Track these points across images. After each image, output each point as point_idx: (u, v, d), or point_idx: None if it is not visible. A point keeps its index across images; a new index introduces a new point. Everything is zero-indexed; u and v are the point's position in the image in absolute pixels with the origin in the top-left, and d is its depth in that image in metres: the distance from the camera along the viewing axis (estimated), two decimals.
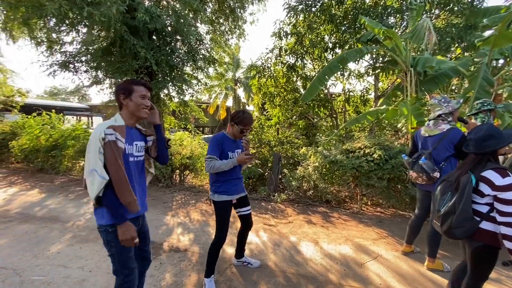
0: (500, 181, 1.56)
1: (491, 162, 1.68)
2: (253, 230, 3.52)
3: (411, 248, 2.92)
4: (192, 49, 6.35)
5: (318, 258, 2.83)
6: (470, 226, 1.65)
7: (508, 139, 1.67)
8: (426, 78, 4.54)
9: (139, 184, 1.61)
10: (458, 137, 2.43)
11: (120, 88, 1.54)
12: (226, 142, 2.24)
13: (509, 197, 1.53)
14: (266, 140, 6.82)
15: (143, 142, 1.67)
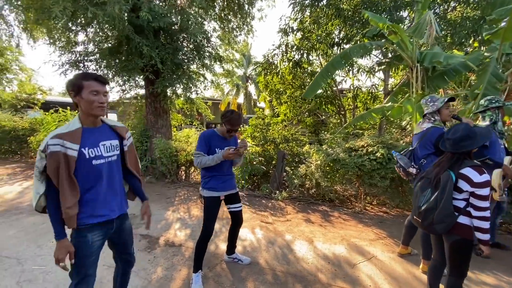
0: (478, 178, 1.61)
1: (467, 160, 1.71)
2: (249, 227, 3.55)
3: (407, 249, 2.84)
4: (198, 46, 6.41)
5: (310, 257, 2.81)
6: (450, 221, 1.70)
7: (483, 140, 1.73)
8: (434, 74, 4.35)
9: (111, 186, 1.51)
10: (436, 135, 2.42)
11: (69, 84, 1.38)
12: (214, 139, 2.27)
13: (484, 193, 1.61)
14: (271, 138, 6.80)
15: (116, 140, 1.56)
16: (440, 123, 2.53)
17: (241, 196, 5.04)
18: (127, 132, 1.69)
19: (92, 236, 1.43)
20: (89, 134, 1.43)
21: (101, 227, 1.47)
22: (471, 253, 1.74)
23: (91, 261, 1.44)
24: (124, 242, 1.67)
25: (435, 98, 2.54)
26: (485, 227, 1.60)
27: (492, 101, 2.81)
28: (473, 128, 1.76)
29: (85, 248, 1.41)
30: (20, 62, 13.05)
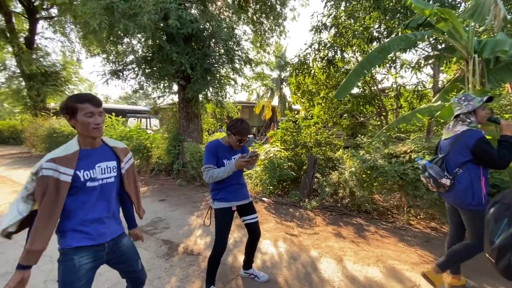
0: None
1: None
2: (272, 238, 3.32)
3: (460, 280, 2.32)
4: (228, 51, 6.42)
5: (337, 279, 2.47)
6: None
7: None
8: (498, 66, 3.61)
9: (104, 208, 1.43)
10: (474, 140, 1.99)
11: (63, 107, 1.35)
12: (220, 150, 2.14)
13: None
14: (302, 141, 6.46)
15: (114, 161, 1.49)
16: (476, 125, 2.09)
17: (267, 203, 4.84)
18: (128, 154, 1.61)
19: (79, 259, 1.33)
20: (86, 156, 1.39)
21: (88, 250, 1.37)
22: None
23: (81, 286, 1.33)
24: (126, 261, 1.56)
25: (470, 97, 2.13)
26: None
27: None
28: None
29: (72, 272, 1.31)
30: (79, 75, 14.81)
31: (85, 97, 1.35)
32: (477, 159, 1.99)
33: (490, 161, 1.95)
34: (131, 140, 8.22)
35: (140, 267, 1.62)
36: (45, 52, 13.61)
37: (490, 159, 1.93)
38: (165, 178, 6.74)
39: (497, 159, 1.88)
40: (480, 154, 1.96)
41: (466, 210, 2.07)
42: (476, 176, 2.00)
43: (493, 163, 1.95)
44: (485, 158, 1.96)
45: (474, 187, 1.99)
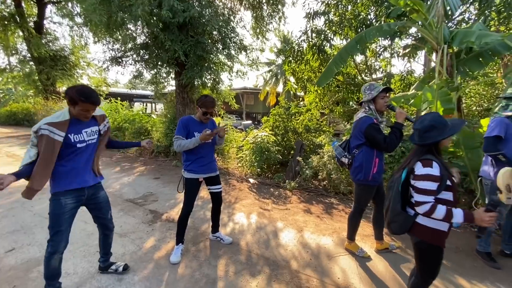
0: (419, 170, 1.48)
1: (431, 154, 1.52)
2: (247, 212, 3.72)
3: (383, 244, 2.72)
4: (223, 38, 6.63)
5: (292, 245, 2.85)
6: (403, 221, 1.59)
7: (452, 130, 1.51)
8: (468, 56, 3.75)
9: (87, 162, 1.92)
10: (365, 126, 2.32)
11: (67, 95, 1.73)
12: (191, 124, 2.48)
13: (420, 186, 1.47)
14: (292, 128, 6.74)
15: (96, 126, 1.96)
16: (373, 112, 2.39)
17: (252, 184, 5.22)
18: (105, 119, 2.07)
19: (65, 199, 1.83)
20: (76, 123, 1.83)
21: (72, 194, 1.86)
22: (435, 259, 1.59)
23: (64, 219, 1.84)
24: (100, 209, 2.08)
25: (373, 86, 2.40)
26: (440, 216, 1.39)
27: None
28: (441, 118, 1.57)
29: (58, 208, 1.81)
30: (87, 59, 15.24)
31: (89, 97, 1.75)
32: (369, 142, 2.33)
33: (377, 145, 2.31)
34: (133, 124, 8.70)
35: (109, 217, 2.15)
36: (54, 36, 14.04)
37: (377, 143, 2.29)
38: (163, 159, 7.21)
39: (382, 144, 2.25)
40: (370, 138, 2.31)
41: (356, 183, 2.51)
42: (369, 157, 2.34)
43: (379, 147, 2.31)
44: (373, 142, 2.31)
45: (365, 166, 2.35)
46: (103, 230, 2.18)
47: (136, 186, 4.81)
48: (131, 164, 6.60)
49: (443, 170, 1.46)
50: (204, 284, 2.18)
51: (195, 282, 2.20)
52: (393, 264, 2.51)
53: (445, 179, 1.46)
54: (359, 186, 2.49)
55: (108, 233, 2.20)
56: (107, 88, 17.21)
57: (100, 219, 2.12)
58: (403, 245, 2.86)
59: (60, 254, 1.88)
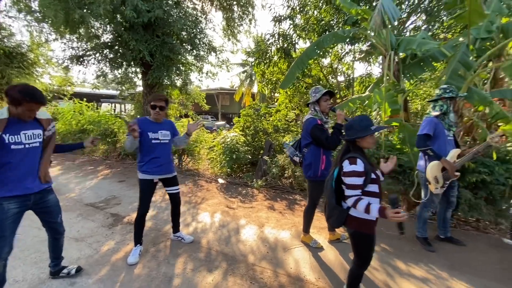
0: (347, 168, 1.64)
1: (353, 151, 1.70)
2: (211, 211, 3.79)
3: (335, 235, 2.94)
4: (191, 38, 6.63)
5: (251, 240, 2.98)
6: (339, 215, 1.74)
7: (364, 132, 1.68)
8: (412, 62, 4.14)
9: (30, 167, 1.83)
10: (310, 127, 2.54)
11: (9, 95, 1.65)
12: (144, 124, 2.49)
13: (349, 182, 1.63)
14: (262, 128, 6.90)
15: (40, 130, 1.88)
16: (318, 114, 2.61)
17: (221, 184, 5.28)
18: (51, 123, 1.99)
19: (7, 205, 1.77)
20: (14, 123, 1.75)
21: (16, 199, 1.80)
22: (368, 246, 1.76)
23: (7, 224, 1.78)
24: (49, 212, 2.02)
25: (318, 89, 2.61)
26: (361, 209, 1.58)
27: (446, 91, 2.70)
28: (362, 121, 1.74)
29: (1, 213, 1.75)
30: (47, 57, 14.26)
31: (34, 96, 1.69)
32: (315, 141, 2.55)
33: (321, 144, 2.53)
34: (98, 125, 8.34)
35: (59, 220, 2.10)
36: (9, 32, 12.99)
37: (320, 142, 2.52)
38: (131, 162, 7.02)
39: (324, 142, 2.48)
40: (315, 137, 2.53)
41: (308, 180, 2.72)
42: (316, 155, 2.56)
43: (323, 146, 2.53)
44: (318, 141, 2.53)
45: (313, 163, 2.56)
46: (53, 234, 2.12)
47: (99, 189, 4.67)
48: (95, 168, 6.35)
49: (367, 165, 1.65)
50: (160, 282, 2.22)
51: (151, 280, 2.24)
52: (342, 252, 2.73)
53: (369, 174, 1.64)
54: (310, 182, 2.68)
55: (58, 237, 2.15)
56: (72, 88, 16.25)
57: (49, 223, 2.07)
58: None
59: (4, 260, 1.83)
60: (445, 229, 2.98)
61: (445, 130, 2.66)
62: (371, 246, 1.78)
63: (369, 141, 1.70)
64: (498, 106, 3.43)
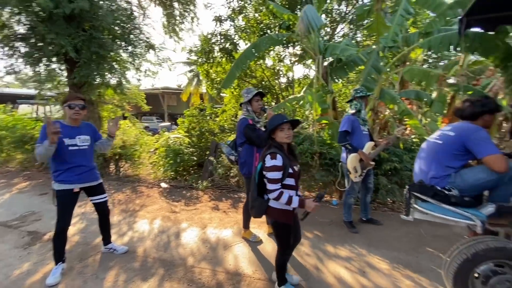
0: (268, 162, 1.75)
1: (274, 148, 1.82)
2: (151, 218, 3.60)
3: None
4: (125, 34, 6.15)
5: (192, 242, 2.94)
6: (259, 205, 1.85)
7: (271, 124, 1.83)
8: (338, 65, 4.61)
9: None
10: (243, 126, 2.67)
11: None
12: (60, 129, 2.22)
13: (271, 176, 1.74)
14: (208, 129, 6.81)
15: None
16: (251, 114, 2.73)
17: (164, 188, 5.06)
18: None
19: None
20: None
21: None
22: (286, 234, 1.91)
23: None
24: None
25: (250, 90, 2.75)
26: (284, 201, 1.74)
27: (357, 91, 3.08)
28: (274, 118, 1.88)
29: None
30: None
31: None
32: (248, 140, 2.68)
33: (253, 142, 2.66)
34: (13, 131, 7.12)
35: None
36: None
37: (252, 141, 2.66)
38: None
39: (256, 141, 2.61)
40: (247, 136, 2.68)
41: (244, 177, 2.85)
42: (250, 153, 2.72)
43: (255, 144, 2.66)
44: (250, 140, 2.67)
45: (248, 161, 2.71)
46: None
47: (13, 205, 4.00)
48: (9, 181, 5.43)
49: (285, 160, 1.79)
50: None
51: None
52: None
53: (287, 168, 1.79)
54: (246, 179, 2.78)
55: None
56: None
57: None
58: None
59: None
60: (366, 212, 3.42)
61: (361, 125, 3.05)
62: (290, 234, 1.93)
63: (281, 135, 1.81)
64: (404, 105, 4.07)
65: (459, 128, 1.88)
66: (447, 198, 1.80)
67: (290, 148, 1.93)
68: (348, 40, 4.83)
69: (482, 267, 1.81)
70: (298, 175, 1.91)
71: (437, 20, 3.74)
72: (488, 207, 1.80)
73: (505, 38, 3.15)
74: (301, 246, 2.87)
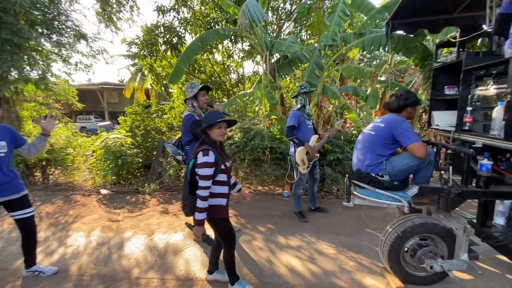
0: (200, 159, 1.69)
1: (207, 144, 1.76)
2: (87, 230, 3.20)
3: None
4: (47, 21, 5.30)
5: (138, 251, 2.70)
6: (191, 204, 1.76)
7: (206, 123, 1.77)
8: (285, 62, 4.74)
9: None
10: (189, 123, 2.55)
11: None
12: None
13: (202, 173, 1.69)
14: (154, 127, 6.35)
15: None
16: (197, 110, 2.60)
17: (104, 195, 4.55)
18: None
19: None
20: None
21: None
22: (226, 228, 1.90)
23: None
24: None
25: (194, 85, 2.59)
26: (200, 206, 1.69)
27: (301, 87, 3.19)
28: (207, 114, 1.86)
29: None
30: None
31: None
32: (195, 138, 2.55)
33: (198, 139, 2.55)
34: None
35: None
36: None
37: (198, 137, 2.52)
38: None
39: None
40: (194, 134, 2.55)
41: None
42: None
43: None
44: (198, 137, 2.51)
45: None
46: None
47: None
48: None
49: (218, 156, 1.74)
50: None
51: None
52: None
53: (219, 164, 1.75)
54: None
55: None
56: None
57: None
58: (244, 222, 3.33)
59: None
60: (313, 201, 3.61)
61: (306, 120, 3.19)
62: (229, 227, 1.93)
63: (216, 132, 1.76)
64: (344, 100, 4.38)
65: (387, 120, 2.09)
66: (380, 183, 1.98)
67: (221, 145, 1.91)
68: (294, 38, 4.99)
69: (410, 242, 2.05)
70: (229, 171, 1.91)
71: (368, 23, 4.11)
72: (412, 189, 2.04)
73: (422, 40, 3.64)
74: (254, 241, 2.89)
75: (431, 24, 3.02)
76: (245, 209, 3.78)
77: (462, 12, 2.90)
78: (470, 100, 2.07)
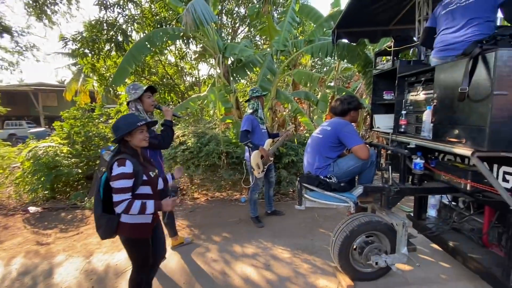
0: (115, 171, 1.45)
1: (124, 153, 1.53)
2: (7, 257, 2.68)
3: (178, 239, 2.84)
4: None
5: (71, 278, 2.34)
6: (107, 224, 1.52)
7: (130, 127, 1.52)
8: (239, 65, 4.69)
9: None
10: None
11: None
12: None
13: (117, 186, 1.45)
14: (96, 132, 5.72)
15: None
16: (142, 113, 2.36)
17: (33, 213, 3.91)
18: None
19: None
20: None
21: None
22: (144, 250, 1.63)
23: None
24: None
25: (137, 86, 2.39)
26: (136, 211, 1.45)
27: (254, 91, 3.16)
28: (120, 118, 1.61)
29: None
30: None
31: None
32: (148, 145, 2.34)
33: (152, 145, 2.15)
34: None
35: None
36: None
37: (151, 143, 2.29)
38: None
39: (156, 142, 2.22)
40: None
41: None
42: (158, 156, 2.43)
43: (155, 146, 2.25)
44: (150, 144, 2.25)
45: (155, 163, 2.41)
46: None
47: None
48: None
49: (137, 166, 1.52)
50: None
51: None
52: (185, 255, 2.67)
53: (140, 175, 1.52)
54: None
55: None
56: None
57: None
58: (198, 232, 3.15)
59: None
60: (270, 205, 3.60)
61: (260, 124, 3.16)
62: (147, 250, 1.66)
63: (139, 137, 1.57)
64: (296, 104, 4.50)
65: (333, 123, 2.16)
66: (328, 185, 2.03)
67: (142, 152, 1.69)
68: (248, 42, 4.98)
69: (358, 240, 2.14)
70: (156, 182, 1.68)
71: (317, 31, 4.31)
72: (358, 189, 2.13)
73: (364, 49, 3.93)
74: (208, 252, 2.73)
75: (370, 34, 3.27)
76: (199, 219, 3.59)
77: (396, 25, 3.21)
78: (404, 104, 2.26)
